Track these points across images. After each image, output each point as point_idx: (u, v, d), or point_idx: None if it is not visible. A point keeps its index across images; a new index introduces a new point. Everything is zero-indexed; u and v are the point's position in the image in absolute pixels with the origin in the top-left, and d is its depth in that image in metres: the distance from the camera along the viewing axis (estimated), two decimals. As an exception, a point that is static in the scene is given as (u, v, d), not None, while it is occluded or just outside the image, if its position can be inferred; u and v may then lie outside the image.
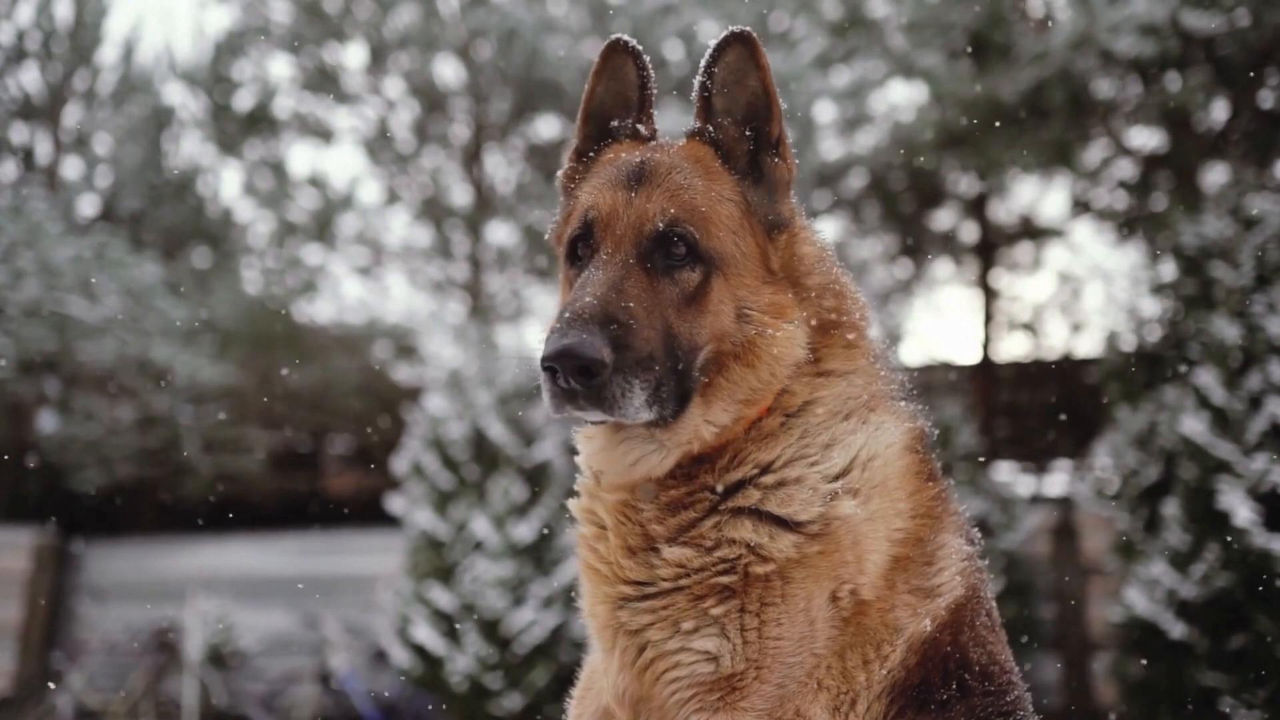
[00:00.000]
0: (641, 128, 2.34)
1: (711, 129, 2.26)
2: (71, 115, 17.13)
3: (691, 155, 2.23)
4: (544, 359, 1.95)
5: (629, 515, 2.18)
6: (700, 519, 2.12)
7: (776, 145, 2.26)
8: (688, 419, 2.09)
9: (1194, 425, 8.03)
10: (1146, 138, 12.23)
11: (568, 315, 1.98)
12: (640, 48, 2.28)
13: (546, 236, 2.41)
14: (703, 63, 2.23)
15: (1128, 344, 10.02)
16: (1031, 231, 14.06)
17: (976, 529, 2.37)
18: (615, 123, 2.35)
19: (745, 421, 2.14)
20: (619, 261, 2.10)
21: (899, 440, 2.21)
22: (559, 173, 2.41)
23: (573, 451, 2.76)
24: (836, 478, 2.12)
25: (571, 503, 2.38)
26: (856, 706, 2.07)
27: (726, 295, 2.13)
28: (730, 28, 2.21)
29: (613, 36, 2.28)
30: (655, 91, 2.34)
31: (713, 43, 2.21)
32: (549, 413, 2.06)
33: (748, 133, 2.25)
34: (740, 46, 2.20)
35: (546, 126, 16.62)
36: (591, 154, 2.35)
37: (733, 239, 2.16)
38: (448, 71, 16.06)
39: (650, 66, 2.31)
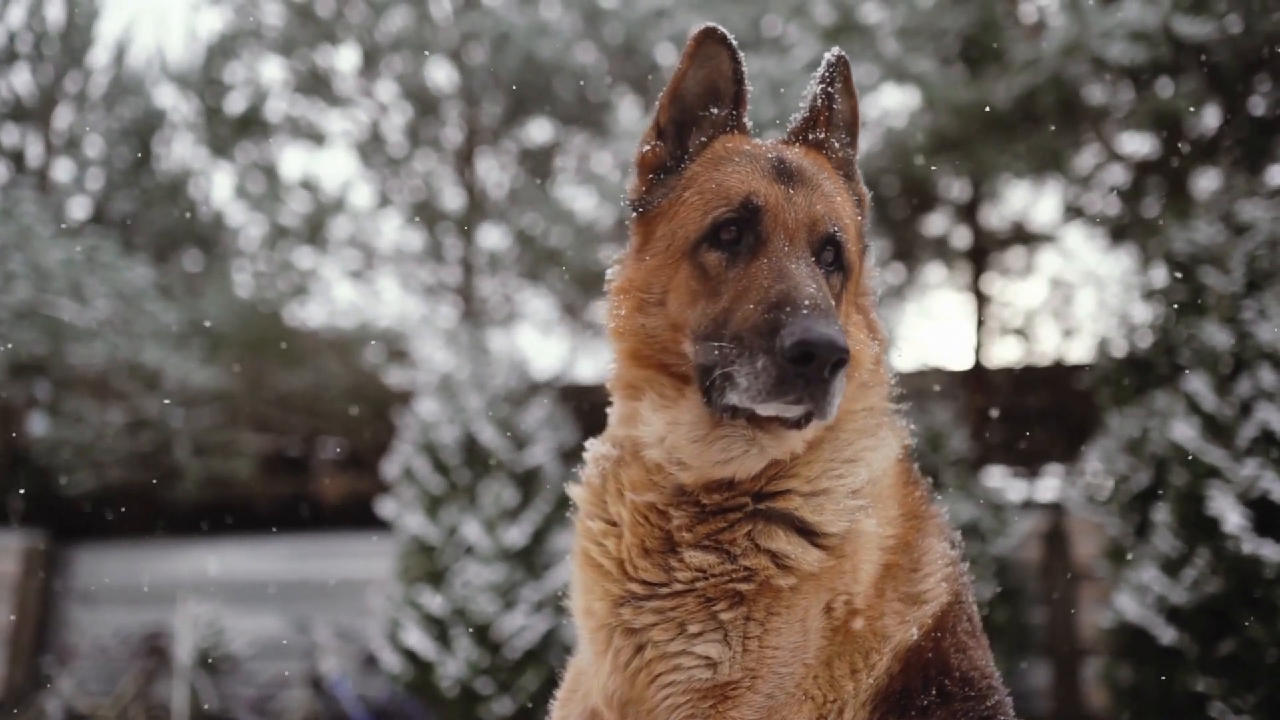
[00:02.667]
0: (748, 120, 2.28)
1: (836, 144, 2.28)
2: (63, 117, 17.11)
3: (820, 164, 2.22)
4: (803, 342, 1.79)
5: (651, 518, 2.12)
6: (730, 526, 2.06)
7: (854, 170, 2.32)
8: None
9: (1185, 431, 8.05)
10: (1138, 144, 12.25)
11: (808, 303, 1.86)
12: (735, 41, 2.21)
13: (634, 213, 2.27)
14: (820, 75, 2.25)
15: (1119, 349, 10.04)
16: (1023, 237, 14.06)
17: (959, 532, 2.37)
18: (714, 110, 2.25)
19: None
20: (802, 257, 2.02)
21: (895, 452, 2.23)
22: (643, 149, 2.28)
23: (568, 455, 2.73)
24: (855, 493, 2.11)
25: (575, 491, 2.31)
26: (843, 715, 2.06)
27: (843, 308, 2.13)
28: (834, 49, 2.24)
29: (706, 24, 2.20)
30: (750, 88, 2.28)
31: (827, 57, 2.23)
32: (749, 399, 1.88)
33: (854, 154, 2.30)
34: (844, 68, 2.25)
35: (539, 130, 16.61)
36: (703, 139, 2.25)
37: (856, 253, 2.18)
38: (440, 75, 16.06)
39: (744, 60, 2.24)
